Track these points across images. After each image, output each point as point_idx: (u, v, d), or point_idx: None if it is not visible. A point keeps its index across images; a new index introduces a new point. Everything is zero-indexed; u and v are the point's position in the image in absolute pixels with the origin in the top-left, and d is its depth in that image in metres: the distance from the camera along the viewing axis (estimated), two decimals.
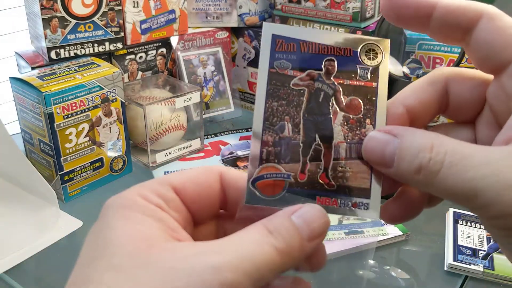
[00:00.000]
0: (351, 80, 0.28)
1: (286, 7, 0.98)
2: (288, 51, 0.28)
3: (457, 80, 0.28)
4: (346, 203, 0.27)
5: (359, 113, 0.28)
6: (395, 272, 0.63)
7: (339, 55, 0.28)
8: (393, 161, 0.25)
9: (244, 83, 1.08)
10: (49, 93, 0.70)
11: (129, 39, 0.89)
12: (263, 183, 0.27)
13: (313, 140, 0.28)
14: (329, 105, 0.28)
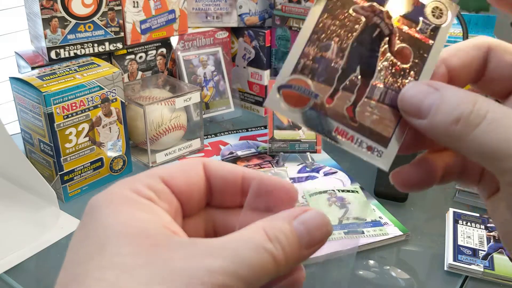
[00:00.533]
0: (410, 29, 0.27)
1: (286, 7, 0.98)
2: None
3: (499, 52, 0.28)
4: (362, 143, 0.27)
5: (406, 62, 0.27)
6: (395, 272, 0.63)
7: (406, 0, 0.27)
8: (428, 111, 0.25)
9: (244, 83, 1.08)
10: (49, 93, 0.70)
11: (129, 39, 0.89)
12: (288, 92, 0.26)
13: (353, 71, 0.27)
14: (380, 43, 0.27)
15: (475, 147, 0.23)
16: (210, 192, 0.29)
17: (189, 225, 0.28)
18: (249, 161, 0.88)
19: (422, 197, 0.79)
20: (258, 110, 1.08)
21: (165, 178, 0.26)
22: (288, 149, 0.87)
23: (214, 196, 0.29)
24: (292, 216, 0.25)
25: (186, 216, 0.28)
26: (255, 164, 0.87)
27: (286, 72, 0.26)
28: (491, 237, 0.67)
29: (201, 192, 0.28)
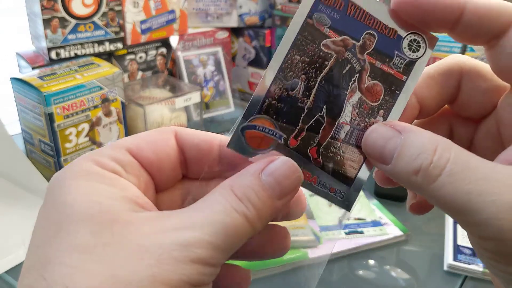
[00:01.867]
0: (383, 64, 0.26)
1: (286, 7, 0.98)
2: (334, 7, 0.25)
3: (472, 78, 0.27)
4: (325, 184, 0.26)
5: (376, 100, 0.26)
6: (395, 272, 0.63)
7: (382, 33, 0.26)
8: (391, 157, 0.24)
9: (244, 83, 1.08)
10: (49, 93, 0.70)
11: (129, 39, 0.89)
12: (252, 133, 0.25)
13: (319, 110, 0.26)
14: (350, 80, 0.26)
15: (437, 198, 0.23)
16: (185, 163, 0.27)
17: (164, 199, 0.27)
18: None
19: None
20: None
21: (132, 150, 0.25)
22: None
23: (190, 167, 0.27)
24: (259, 169, 0.24)
25: (160, 190, 0.26)
26: None
27: (251, 112, 0.25)
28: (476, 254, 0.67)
29: (174, 163, 0.26)
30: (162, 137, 0.26)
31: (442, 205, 0.23)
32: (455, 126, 0.29)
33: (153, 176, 0.26)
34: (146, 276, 0.20)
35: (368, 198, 0.77)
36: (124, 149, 0.24)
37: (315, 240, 0.66)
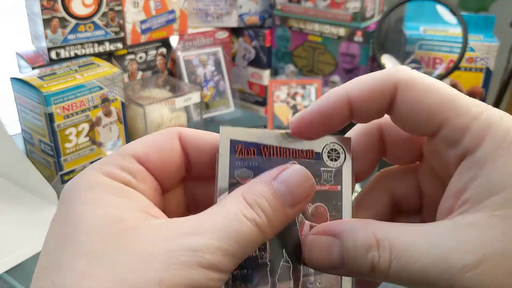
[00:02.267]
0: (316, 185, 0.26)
1: (286, 7, 0.98)
2: (249, 157, 0.26)
3: (392, 132, 0.27)
4: None
5: (325, 220, 0.26)
6: None
7: (301, 158, 0.26)
8: (342, 263, 0.24)
9: (244, 83, 1.08)
10: (49, 93, 0.70)
11: (129, 39, 0.89)
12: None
13: (281, 257, 0.26)
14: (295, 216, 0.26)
15: (402, 283, 0.23)
16: (188, 164, 0.27)
17: (169, 200, 0.27)
18: None
19: None
20: (258, 110, 1.08)
21: (139, 158, 0.25)
22: None
23: (193, 168, 0.27)
24: (271, 177, 0.24)
25: (165, 191, 0.27)
26: None
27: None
28: None
29: (179, 166, 0.26)
30: (168, 142, 0.26)
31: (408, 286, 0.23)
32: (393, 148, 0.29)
33: (160, 180, 0.26)
34: (153, 280, 0.20)
35: None
36: (132, 157, 0.25)
37: None
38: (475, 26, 0.92)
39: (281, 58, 1.03)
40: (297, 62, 1.00)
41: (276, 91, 0.88)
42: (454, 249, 0.22)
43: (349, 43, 0.91)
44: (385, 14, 0.89)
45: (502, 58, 1.13)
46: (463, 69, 0.91)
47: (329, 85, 0.96)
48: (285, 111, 0.88)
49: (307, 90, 0.88)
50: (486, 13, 1.15)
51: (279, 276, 0.26)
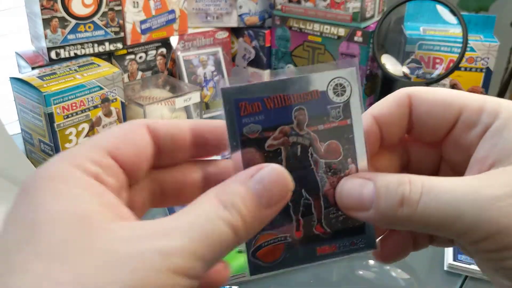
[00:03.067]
0: (324, 124, 0.27)
1: (286, 7, 0.98)
2: (254, 112, 0.26)
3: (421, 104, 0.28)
4: (345, 244, 0.28)
5: (339, 156, 0.27)
6: (395, 272, 0.63)
7: (307, 100, 0.27)
8: (371, 202, 0.25)
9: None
10: (49, 93, 0.70)
11: (129, 39, 0.89)
12: (263, 252, 0.27)
13: (301, 196, 0.27)
14: (308, 156, 0.27)
15: (425, 221, 0.24)
16: (158, 154, 0.26)
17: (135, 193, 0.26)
18: None
19: None
20: None
21: (111, 151, 0.24)
22: None
23: (162, 157, 0.27)
24: (248, 176, 0.23)
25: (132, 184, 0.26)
26: None
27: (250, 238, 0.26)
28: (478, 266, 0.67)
29: (149, 158, 0.26)
30: (138, 134, 0.25)
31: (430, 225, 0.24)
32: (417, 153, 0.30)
33: (129, 174, 0.25)
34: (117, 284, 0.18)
35: None
36: (104, 151, 0.23)
37: None
38: (475, 26, 0.92)
39: (281, 58, 1.03)
40: (297, 62, 1.00)
41: None
42: (485, 185, 0.23)
43: (349, 43, 0.91)
44: (385, 14, 0.89)
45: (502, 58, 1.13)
46: (463, 69, 0.91)
47: None
48: None
49: None
50: (486, 13, 1.15)
51: (302, 213, 0.27)
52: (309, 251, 0.27)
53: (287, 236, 0.27)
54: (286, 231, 0.27)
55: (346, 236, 0.28)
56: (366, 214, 0.25)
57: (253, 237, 0.26)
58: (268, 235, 0.27)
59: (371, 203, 0.25)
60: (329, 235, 0.28)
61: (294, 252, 0.27)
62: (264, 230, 0.26)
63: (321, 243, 0.28)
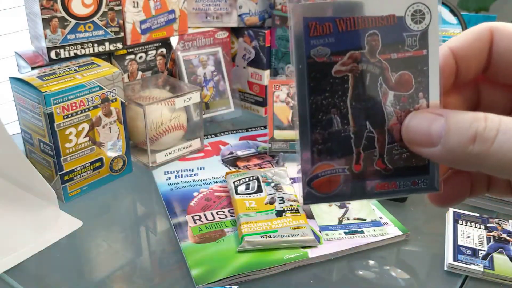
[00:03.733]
0: (398, 53, 0.25)
1: (286, 7, 0.98)
2: (324, 34, 0.24)
3: (504, 40, 0.26)
4: (406, 183, 0.27)
5: (410, 88, 0.26)
6: (395, 272, 0.63)
7: (382, 25, 0.25)
8: (439, 137, 0.23)
9: (244, 83, 1.08)
10: (49, 93, 0.70)
11: (129, 39, 0.89)
12: (318, 182, 0.26)
13: (364, 128, 0.26)
14: (377, 86, 0.26)
15: (497, 161, 0.22)
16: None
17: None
18: (249, 161, 0.88)
19: (422, 197, 0.79)
20: (258, 110, 1.08)
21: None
22: (288, 149, 0.87)
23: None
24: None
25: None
26: (255, 164, 0.87)
27: (307, 166, 0.26)
28: (491, 237, 0.67)
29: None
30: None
31: (502, 167, 0.23)
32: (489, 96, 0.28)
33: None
34: None
35: None
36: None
37: (315, 240, 0.66)
38: None
39: (281, 58, 1.03)
40: None
41: (276, 91, 0.88)
42: None
43: None
44: None
45: None
46: None
47: None
48: (285, 111, 0.88)
49: None
50: (486, 13, 1.15)
51: (364, 146, 0.26)
52: (366, 186, 0.26)
53: (345, 169, 0.26)
54: (345, 163, 0.26)
55: (408, 174, 0.26)
56: (433, 150, 0.24)
57: (310, 166, 0.26)
58: (325, 165, 0.26)
59: (440, 138, 0.24)
60: (390, 172, 0.26)
61: (351, 185, 0.26)
62: (322, 160, 0.26)
63: (380, 179, 0.26)
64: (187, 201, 0.76)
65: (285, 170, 0.81)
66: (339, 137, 0.26)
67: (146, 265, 0.66)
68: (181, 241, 0.67)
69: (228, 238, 0.67)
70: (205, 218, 0.72)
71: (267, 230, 0.66)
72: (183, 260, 0.64)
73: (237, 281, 0.61)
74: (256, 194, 0.74)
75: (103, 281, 0.62)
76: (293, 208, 0.71)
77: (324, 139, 0.25)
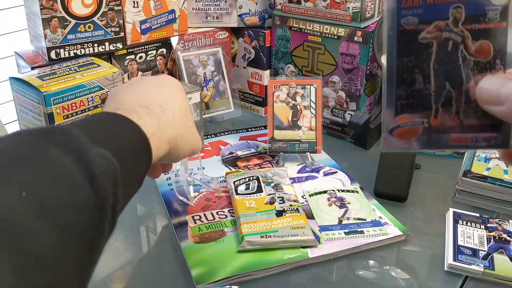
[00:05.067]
0: (479, 24, 0.29)
1: (286, 7, 0.98)
2: (414, 5, 0.29)
3: None
4: (477, 139, 0.30)
5: (488, 55, 0.29)
6: (395, 272, 0.63)
7: (466, 0, 0.28)
8: (506, 97, 0.27)
9: (244, 83, 1.08)
10: (49, 93, 0.70)
11: (129, 39, 0.89)
12: (399, 131, 0.30)
13: (444, 88, 0.30)
14: (458, 52, 0.29)
15: None
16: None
17: None
18: (249, 161, 0.88)
19: (422, 197, 0.79)
20: (258, 110, 1.08)
21: None
22: (288, 149, 0.87)
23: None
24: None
25: None
26: (255, 164, 0.87)
27: (390, 117, 0.30)
28: (491, 237, 0.67)
29: None
30: None
31: None
32: None
33: None
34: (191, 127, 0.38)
35: (368, 198, 0.76)
36: None
37: (315, 240, 0.66)
38: None
39: (281, 58, 1.03)
40: (297, 62, 1.00)
41: (276, 91, 0.88)
42: None
43: (349, 43, 0.91)
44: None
45: None
46: None
47: (329, 85, 0.96)
48: (285, 111, 0.88)
49: (307, 90, 0.88)
50: None
51: (442, 103, 0.30)
52: (442, 138, 0.30)
53: (424, 121, 0.30)
54: (425, 117, 0.30)
55: (481, 131, 0.30)
56: (500, 109, 0.28)
57: (393, 117, 0.30)
58: (407, 118, 0.30)
59: (507, 98, 0.27)
60: (464, 127, 0.30)
61: (429, 136, 0.30)
62: (404, 113, 0.30)
63: (455, 133, 0.30)
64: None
65: (285, 170, 0.81)
66: (420, 94, 0.30)
67: (146, 265, 0.66)
68: (181, 241, 0.67)
69: (228, 238, 0.67)
70: (205, 218, 0.72)
71: (267, 230, 0.66)
72: (183, 260, 0.64)
73: (237, 281, 0.61)
74: (256, 194, 0.74)
75: (103, 281, 0.62)
76: (293, 208, 0.71)
77: (407, 95, 0.30)
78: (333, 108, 0.97)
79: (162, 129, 0.43)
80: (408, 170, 0.78)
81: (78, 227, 0.30)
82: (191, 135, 0.50)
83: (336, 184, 0.81)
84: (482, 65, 0.29)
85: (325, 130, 0.98)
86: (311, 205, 0.75)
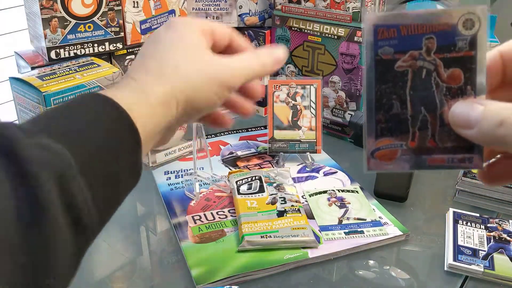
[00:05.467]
0: (450, 53, 0.31)
1: (286, 7, 0.98)
2: (389, 37, 0.31)
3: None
4: (453, 159, 0.32)
5: (459, 82, 0.31)
6: (395, 272, 0.63)
7: (437, 31, 0.31)
8: (476, 121, 0.29)
9: None
10: (49, 93, 0.70)
11: (129, 39, 0.89)
12: (380, 153, 0.33)
13: (420, 113, 0.32)
14: (431, 79, 0.31)
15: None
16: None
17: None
18: (249, 161, 0.88)
19: (422, 197, 0.79)
20: (258, 110, 1.08)
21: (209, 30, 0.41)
22: (288, 149, 0.87)
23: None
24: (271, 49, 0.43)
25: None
26: (255, 164, 0.87)
27: (371, 140, 0.33)
28: (491, 237, 0.67)
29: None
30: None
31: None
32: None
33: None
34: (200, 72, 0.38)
35: (368, 198, 0.76)
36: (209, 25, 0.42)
37: (315, 241, 0.66)
38: None
39: None
40: (297, 62, 1.00)
41: (276, 91, 0.88)
42: None
43: (349, 43, 0.91)
44: None
45: None
46: None
47: (329, 85, 0.96)
48: (285, 111, 0.88)
49: (307, 90, 0.88)
50: None
51: (419, 127, 0.32)
52: (420, 159, 0.33)
53: (402, 144, 0.32)
54: (402, 139, 0.32)
55: (456, 152, 0.32)
56: (470, 132, 0.30)
57: (374, 140, 0.32)
58: (386, 141, 0.33)
59: (477, 122, 0.29)
60: (440, 149, 0.32)
61: (407, 158, 0.33)
62: (384, 136, 0.32)
63: (432, 155, 0.32)
64: (187, 201, 0.76)
65: (288, 171, 0.81)
66: (398, 118, 0.32)
67: (146, 265, 0.66)
68: (181, 241, 0.67)
69: (228, 238, 0.67)
70: (205, 218, 0.72)
71: (267, 230, 0.66)
72: (183, 260, 0.64)
73: (237, 281, 0.61)
74: (258, 194, 0.74)
75: (103, 281, 0.62)
76: (294, 208, 0.71)
77: (386, 119, 0.32)
78: (333, 108, 0.97)
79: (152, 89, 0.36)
80: None
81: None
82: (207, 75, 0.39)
83: (336, 184, 0.81)
84: (454, 91, 0.31)
85: (325, 130, 0.98)
86: (311, 205, 0.75)
